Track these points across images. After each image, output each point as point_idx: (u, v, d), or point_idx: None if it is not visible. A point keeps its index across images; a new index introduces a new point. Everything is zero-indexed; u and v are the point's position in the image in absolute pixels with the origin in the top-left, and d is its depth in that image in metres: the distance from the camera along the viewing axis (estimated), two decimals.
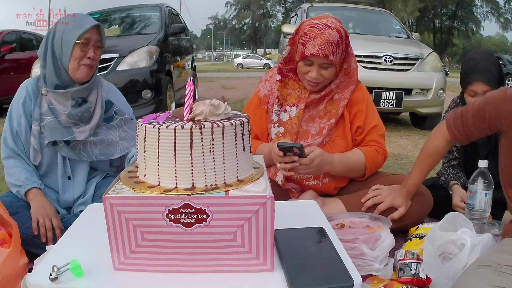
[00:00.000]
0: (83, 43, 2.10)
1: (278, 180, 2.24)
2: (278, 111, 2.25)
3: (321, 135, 2.21)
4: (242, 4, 64.77)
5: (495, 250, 1.52)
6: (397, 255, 1.80)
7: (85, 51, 2.11)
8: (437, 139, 1.90)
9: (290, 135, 2.22)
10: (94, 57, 2.14)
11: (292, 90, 2.26)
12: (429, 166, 2.00)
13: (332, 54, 2.04)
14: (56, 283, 1.07)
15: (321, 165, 2.06)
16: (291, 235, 1.31)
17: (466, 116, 1.74)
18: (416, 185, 2.08)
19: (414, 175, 2.05)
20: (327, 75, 2.12)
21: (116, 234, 1.11)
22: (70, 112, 2.12)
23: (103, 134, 2.21)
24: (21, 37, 8.70)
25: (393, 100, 5.73)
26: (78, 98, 2.15)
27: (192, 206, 1.07)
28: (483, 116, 1.68)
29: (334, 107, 2.22)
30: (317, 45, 2.02)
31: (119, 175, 1.26)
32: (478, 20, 43.43)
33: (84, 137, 2.14)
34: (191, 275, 1.13)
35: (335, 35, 2.03)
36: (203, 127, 1.11)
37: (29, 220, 1.99)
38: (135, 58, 5.57)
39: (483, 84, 2.34)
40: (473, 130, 1.74)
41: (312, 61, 2.09)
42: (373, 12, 8.16)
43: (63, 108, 2.13)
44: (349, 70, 2.23)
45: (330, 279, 1.07)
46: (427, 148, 1.96)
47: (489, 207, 2.07)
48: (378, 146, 2.25)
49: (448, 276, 1.55)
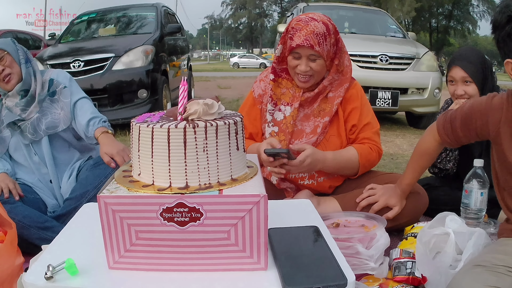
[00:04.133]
0: None
1: (272, 180, 2.24)
2: (272, 111, 2.25)
3: (315, 134, 2.21)
4: (238, 4, 64.72)
5: (490, 250, 1.53)
6: (392, 254, 1.80)
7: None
8: (428, 140, 1.89)
9: (284, 134, 2.22)
10: (2, 70, 2.23)
11: (286, 89, 2.26)
12: (422, 166, 2.00)
13: (318, 44, 2.05)
14: (51, 282, 1.07)
15: (313, 164, 2.06)
16: (285, 234, 1.32)
17: (455, 121, 1.72)
18: (410, 185, 2.08)
19: (408, 175, 2.05)
20: (315, 67, 2.11)
21: (111, 233, 1.11)
22: (17, 103, 2.30)
23: (47, 110, 2.35)
24: (17, 37, 8.70)
25: (389, 99, 5.73)
26: (21, 92, 2.30)
27: (186, 205, 1.07)
28: (470, 124, 1.66)
29: (328, 105, 2.22)
30: (303, 36, 2.04)
31: (113, 175, 1.26)
32: (474, 19, 43.43)
33: (32, 117, 2.31)
34: (185, 274, 1.13)
35: (321, 27, 2.06)
36: (197, 126, 1.12)
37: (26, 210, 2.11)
38: (131, 58, 5.57)
39: (460, 69, 2.36)
40: (461, 136, 1.72)
41: (299, 54, 2.10)
42: (369, 11, 8.16)
43: (13, 102, 2.31)
44: (342, 67, 2.23)
45: (324, 278, 1.08)
46: (419, 148, 1.95)
47: (484, 206, 2.08)
48: (372, 143, 2.25)
49: (440, 271, 1.55)
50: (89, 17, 7.34)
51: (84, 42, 6.59)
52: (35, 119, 2.30)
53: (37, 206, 2.23)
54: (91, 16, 7.35)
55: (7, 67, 2.25)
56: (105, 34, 6.86)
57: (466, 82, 2.36)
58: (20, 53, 2.34)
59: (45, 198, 2.33)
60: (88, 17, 7.34)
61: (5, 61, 2.24)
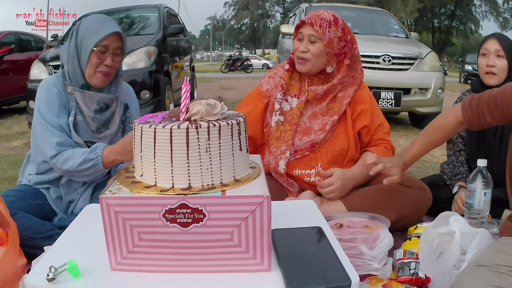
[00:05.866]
0: (100, 50, 2.05)
1: (280, 169, 2.24)
2: (281, 100, 2.27)
3: (324, 131, 2.23)
4: (240, 5, 64.69)
5: (493, 250, 1.52)
6: (396, 254, 1.80)
7: (102, 59, 2.07)
8: (447, 117, 1.83)
9: (290, 125, 2.25)
10: (112, 65, 2.09)
11: (294, 82, 2.30)
12: (432, 141, 1.91)
13: (319, 26, 2.12)
14: (53, 284, 1.07)
15: (345, 184, 2.15)
16: (288, 235, 1.31)
17: (483, 98, 1.69)
18: (414, 158, 1.99)
19: (414, 148, 1.96)
20: (313, 50, 2.16)
21: (113, 234, 1.11)
22: (94, 116, 2.12)
23: (117, 139, 2.19)
24: (20, 38, 8.69)
25: (392, 99, 5.72)
26: (103, 104, 2.15)
27: (188, 206, 1.06)
28: (497, 103, 1.64)
29: (337, 104, 2.26)
30: (308, 16, 2.16)
31: (115, 176, 1.25)
32: (477, 19, 43.39)
33: (106, 142, 2.15)
34: (188, 275, 1.13)
35: (329, 15, 2.16)
36: (200, 127, 1.11)
37: (28, 221, 2.00)
38: (133, 59, 5.56)
39: (496, 41, 2.41)
40: (486, 114, 1.67)
41: (302, 35, 2.18)
42: (371, 12, 8.15)
43: (87, 111, 2.13)
44: (354, 73, 2.30)
45: (328, 279, 1.07)
46: (434, 123, 1.89)
47: (488, 206, 2.07)
48: (386, 143, 2.33)
49: (443, 271, 1.54)
50: None
51: None
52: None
53: (43, 213, 2.15)
54: None
55: (114, 66, 2.10)
56: None
57: (498, 56, 2.40)
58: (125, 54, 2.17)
59: (56, 209, 2.22)
60: None
61: (118, 59, 2.10)
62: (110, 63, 2.08)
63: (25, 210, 2.06)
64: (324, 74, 2.25)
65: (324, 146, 2.25)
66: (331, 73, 2.25)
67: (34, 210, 2.11)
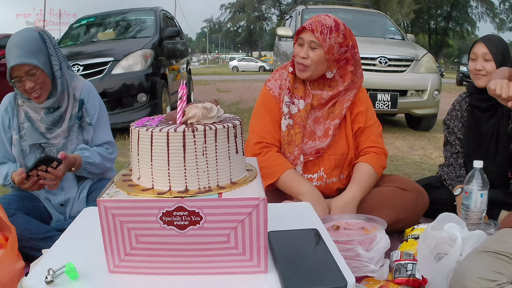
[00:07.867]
0: (16, 81, 2.06)
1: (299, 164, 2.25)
2: (288, 103, 2.26)
3: (327, 137, 2.24)
4: (237, 7, 64.70)
5: (494, 239, 1.55)
6: (392, 256, 1.81)
7: (22, 87, 2.07)
8: None
9: (299, 127, 2.24)
10: (33, 86, 2.07)
11: (298, 84, 2.30)
12: None
13: (320, 33, 2.11)
14: (51, 286, 1.07)
15: (346, 209, 2.12)
16: (285, 237, 1.32)
17: None
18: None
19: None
20: (313, 56, 2.15)
21: (111, 237, 1.11)
22: (42, 118, 2.15)
23: (73, 133, 2.21)
24: None
25: (388, 101, 5.73)
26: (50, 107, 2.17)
27: (185, 208, 1.07)
28: None
29: (337, 108, 2.27)
30: (308, 22, 2.15)
31: (113, 179, 1.26)
32: (473, 20, 43.45)
33: (59, 141, 2.17)
34: (185, 277, 1.13)
35: (330, 21, 2.14)
36: (196, 130, 1.12)
37: (26, 222, 2.02)
38: (130, 62, 5.57)
39: (483, 45, 2.43)
40: None
41: (303, 40, 2.17)
42: (367, 14, 8.17)
43: (37, 116, 2.16)
44: (354, 77, 2.29)
45: (324, 280, 1.08)
46: None
47: (484, 207, 2.08)
48: (376, 147, 2.31)
49: (442, 274, 1.56)
50: (88, 21, 7.34)
51: (83, 46, 6.59)
52: (62, 145, 2.18)
53: (39, 215, 2.17)
54: (90, 20, 7.35)
55: (38, 83, 2.07)
56: (104, 38, 6.86)
57: (486, 59, 2.41)
58: (54, 61, 2.13)
59: (52, 211, 2.24)
60: (87, 21, 7.34)
61: (37, 77, 2.05)
62: (29, 87, 2.06)
63: (22, 211, 2.08)
64: (324, 78, 2.25)
65: (327, 151, 2.26)
66: (332, 78, 2.25)
67: (30, 212, 2.13)
